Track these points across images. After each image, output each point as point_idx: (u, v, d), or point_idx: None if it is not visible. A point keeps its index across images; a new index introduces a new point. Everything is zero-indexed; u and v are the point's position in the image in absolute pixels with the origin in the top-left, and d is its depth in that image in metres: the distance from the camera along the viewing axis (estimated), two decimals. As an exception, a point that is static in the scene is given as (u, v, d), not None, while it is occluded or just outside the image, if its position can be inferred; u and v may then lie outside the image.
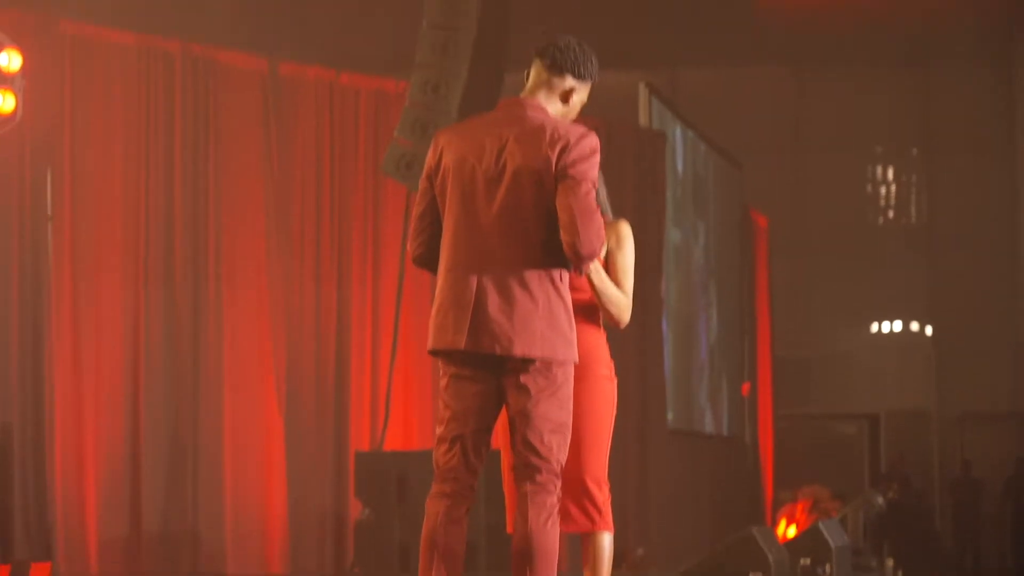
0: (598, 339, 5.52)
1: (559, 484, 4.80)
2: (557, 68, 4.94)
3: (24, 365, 10.64)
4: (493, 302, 4.73)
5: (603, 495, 5.43)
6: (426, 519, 4.82)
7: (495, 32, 11.18)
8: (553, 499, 4.76)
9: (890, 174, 21.67)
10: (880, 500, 13.06)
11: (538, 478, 4.76)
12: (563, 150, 4.72)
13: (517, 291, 4.73)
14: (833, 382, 21.48)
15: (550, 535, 4.73)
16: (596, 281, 5.41)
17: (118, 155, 11.32)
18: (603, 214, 5.54)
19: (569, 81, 4.95)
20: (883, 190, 21.64)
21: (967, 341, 21.16)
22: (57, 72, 10.91)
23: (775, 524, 15.47)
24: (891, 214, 21.78)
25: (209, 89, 11.80)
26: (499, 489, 5.35)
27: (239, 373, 11.77)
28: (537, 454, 4.75)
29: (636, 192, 14.53)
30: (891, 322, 21.72)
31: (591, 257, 4.71)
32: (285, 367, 12.03)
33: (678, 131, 15.73)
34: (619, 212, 14.13)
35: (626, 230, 5.62)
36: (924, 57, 20.83)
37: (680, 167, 15.80)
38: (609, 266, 5.54)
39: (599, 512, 5.41)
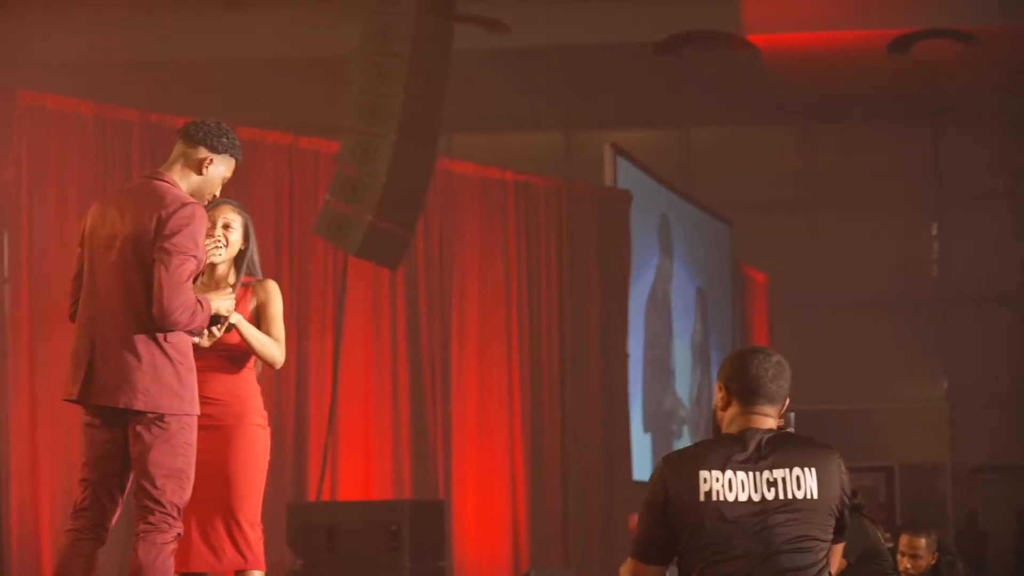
0: (251, 391, 6.03)
1: (176, 524, 5.29)
2: (191, 139, 5.41)
3: (-20, 429, 11.05)
4: (102, 359, 5.28)
5: (255, 535, 6.00)
6: (57, 552, 5.26)
7: (429, 97, 11.55)
8: (166, 537, 5.26)
9: (901, 230, 21.75)
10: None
11: (150, 518, 5.29)
12: (160, 221, 5.22)
13: (123, 350, 5.26)
14: (846, 435, 21.50)
15: (159, 570, 5.22)
16: (244, 333, 5.86)
17: (73, 219, 11.72)
18: (251, 274, 6.00)
19: (203, 152, 5.41)
20: (895, 246, 21.73)
21: (981, 395, 21.23)
22: (13, 140, 11.41)
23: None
24: (903, 269, 21.85)
25: (166, 155, 12.20)
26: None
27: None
28: (150, 497, 5.28)
29: (599, 250, 14.84)
30: (905, 376, 21.80)
31: (176, 327, 5.16)
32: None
33: (650, 188, 16.01)
34: (584, 270, 14.46)
35: (273, 286, 6.16)
36: (932, 113, 20.97)
37: (654, 223, 16.08)
38: (260, 318, 6.03)
39: (251, 551, 5.99)
